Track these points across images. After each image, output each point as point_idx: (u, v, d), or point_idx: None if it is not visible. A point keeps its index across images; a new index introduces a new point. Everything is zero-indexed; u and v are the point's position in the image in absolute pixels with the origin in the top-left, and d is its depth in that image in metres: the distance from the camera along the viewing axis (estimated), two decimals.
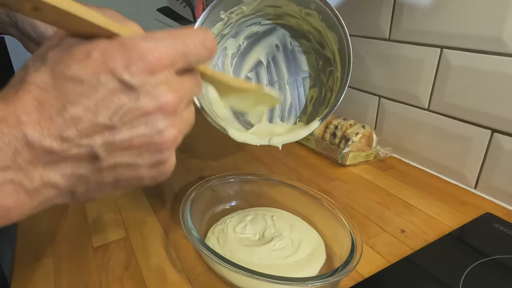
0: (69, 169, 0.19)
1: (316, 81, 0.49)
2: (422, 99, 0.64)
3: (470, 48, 0.55)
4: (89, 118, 0.19)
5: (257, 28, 0.48)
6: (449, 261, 0.41)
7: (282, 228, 0.45)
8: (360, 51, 0.75)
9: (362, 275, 0.40)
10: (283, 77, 0.50)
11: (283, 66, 0.50)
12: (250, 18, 0.46)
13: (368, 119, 0.77)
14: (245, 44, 0.49)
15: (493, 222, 0.49)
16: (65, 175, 0.20)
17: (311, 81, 0.49)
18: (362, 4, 0.72)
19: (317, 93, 0.48)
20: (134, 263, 0.41)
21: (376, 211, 0.52)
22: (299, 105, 0.50)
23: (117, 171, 0.21)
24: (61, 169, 0.19)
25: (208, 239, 0.43)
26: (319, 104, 0.47)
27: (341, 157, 0.65)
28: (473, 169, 0.58)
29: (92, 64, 0.19)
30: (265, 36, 0.49)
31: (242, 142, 0.43)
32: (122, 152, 0.20)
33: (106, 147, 0.20)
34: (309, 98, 0.49)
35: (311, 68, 0.49)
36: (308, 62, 0.49)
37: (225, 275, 0.38)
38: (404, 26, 0.64)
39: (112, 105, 0.19)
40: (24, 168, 0.18)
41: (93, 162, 0.20)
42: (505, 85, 0.52)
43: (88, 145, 0.19)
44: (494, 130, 0.55)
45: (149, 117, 0.20)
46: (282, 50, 0.49)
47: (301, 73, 0.50)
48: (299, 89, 0.50)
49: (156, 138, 0.20)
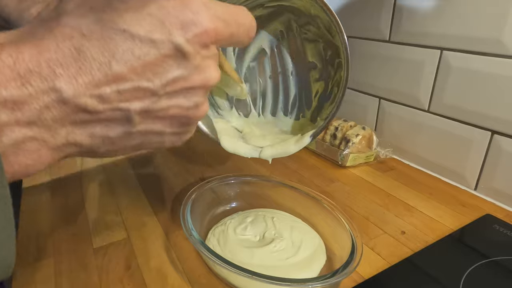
0: (98, 130, 0.18)
1: (322, 73, 0.44)
2: (422, 100, 0.64)
3: (470, 49, 0.55)
4: (133, 80, 0.17)
5: (261, 12, 0.43)
6: (449, 262, 0.41)
7: (283, 230, 0.45)
8: (361, 53, 0.75)
9: (363, 276, 0.40)
10: (287, 68, 0.46)
11: (287, 56, 0.46)
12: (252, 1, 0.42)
13: (369, 121, 0.77)
14: None
15: (493, 224, 0.49)
16: (92, 135, 0.18)
17: (317, 74, 0.45)
18: (363, 6, 0.72)
19: (323, 87, 0.45)
20: (134, 264, 0.41)
21: (376, 213, 0.52)
22: (304, 99, 0.47)
23: (145, 137, 0.20)
24: (90, 129, 0.17)
25: (209, 240, 0.43)
26: (324, 99, 0.44)
27: (341, 159, 0.65)
28: (473, 171, 0.59)
29: (148, 19, 0.16)
30: (269, 21, 0.44)
31: (233, 153, 0.42)
32: (155, 120, 0.19)
33: (142, 114, 0.18)
34: (314, 92, 0.46)
35: (318, 59, 0.44)
36: (315, 51, 0.44)
37: (225, 277, 0.38)
38: (404, 28, 0.64)
39: (161, 70, 0.17)
40: (50, 125, 0.16)
41: (125, 126, 0.18)
42: (504, 87, 0.52)
43: (126, 109, 0.17)
44: (494, 132, 0.55)
45: (192, 90, 0.19)
46: (286, 37, 0.45)
47: (307, 64, 0.45)
48: (304, 81, 0.46)
49: (191, 112, 0.20)
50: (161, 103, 0.18)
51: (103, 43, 0.16)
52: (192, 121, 0.21)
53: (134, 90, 0.17)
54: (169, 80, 0.18)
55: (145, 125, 0.19)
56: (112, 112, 0.17)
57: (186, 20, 0.17)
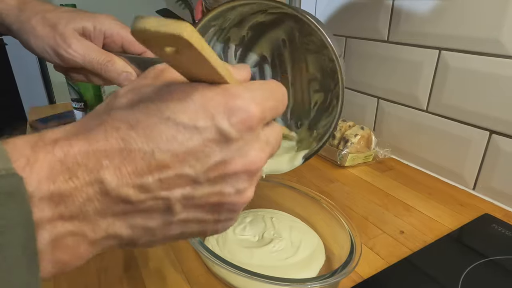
0: (138, 220, 0.17)
1: (322, 85, 0.44)
2: (420, 100, 0.65)
3: (468, 50, 0.55)
4: (175, 168, 0.16)
5: (263, 18, 0.42)
6: (448, 262, 0.42)
7: (282, 230, 0.45)
8: (359, 53, 0.75)
9: (362, 276, 0.40)
10: (287, 77, 0.46)
11: (288, 65, 0.45)
12: None
13: (367, 121, 0.77)
14: (250, 35, 0.44)
15: (492, 223, 0.49)
16: (133, 226, 0.17)
17: (317, 85, 0.44)
18: (361, 7, 0.72)
19: (322, 98, 0.44)
20: (134, 265, 0.41)
21: (375, 213, 0.52)
22: (302, 108, 0.46)
23: (186, 226, 0.19)
24: (130, 220, 0.17)
25: (208, 241, 0.43)
26: (323, 110, 0.44)
27: (340, 159, 0.65)
28: (472, 170, 0.59)
29: (192, 106, 0.17)
30: (272, 28, 0.43)
31: None
32: (196, 208, 0.18)
33: (184, 202, 0.18)
34: (313, 102, 0.45)
35: (319, 71, 0.44)
36: (317, 63, 0.44)
37: (224, 277, 0.38)
38: (403, 28, 0.65)
39: (202, 156, 0.17)
40: (91, 218, 0.16)
41: (165, 215, 0.18)
42: (503, 87, 0.52)
43: (166, 197, 0.17)
44: (492, 132, 0.55)
45: (235, 176, 0.18)
46: (288, 46, 0.44)
47: (307, 74, 0.45)
48: (304, 92, 0.46)
49: (234, 198, 0.19)
50: (202, 189, 0.18)
51: (148, 132, 0.16)
52: (235, 208, 0.19)
53: (176, 177, 0.17)
54: (211, 165, 0.17)
55: (186, 213, 0.18)
56: (153, 201, 0.17)
57: (229, 105, 0.17)
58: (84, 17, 0.39)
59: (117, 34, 0.40)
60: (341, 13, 0.77)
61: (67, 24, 0.38)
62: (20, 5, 0.39)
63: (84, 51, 0.38)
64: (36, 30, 0.38)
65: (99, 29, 0.39)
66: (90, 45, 0.38)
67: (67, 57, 0.38)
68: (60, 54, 0.38)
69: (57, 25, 0.37)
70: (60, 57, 0.38)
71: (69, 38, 0.37)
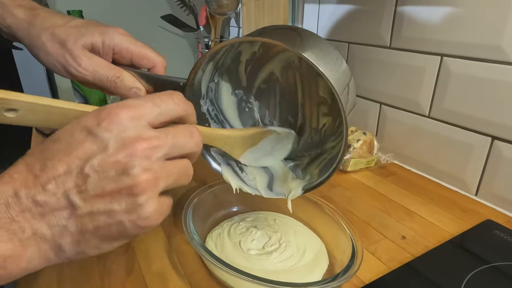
0: (53, 219, 0.21)
1: (331, 109, 0.43)
2: (423, 106, 0.65)
3: (470, 56, 0.56)
4: (64, 169, 0.21)
5: None
6: (450, 267, 0.41)
7: (285, 233, 0.45)
8: (362, 59, 0.75)
9: (363, 281, 0.40)
10: (296, 97, 0.45)
11: (299, 86, 0.44)
12: None
13: (369, 126, 0.77)
14: (261, 52, 0.42)
15: (494, 229, 0.49)
16: (50, 226, 0.21)
17: (326, 108, 0.44)
18: (364, 13, 0.72)
19: (331, 121, 0.44)
20: (136, 268, 0.41)
21: (377, 218, 0.52)
22: (310, 129, 0.46)
23: (95, 218, 0.22)
24: (47, 220, 0.21)
25: (208, 244, 0.44)
26: (330, 133, 0.43)
27: (342, 164, 0.65)
28: (474, 176, 0.59)
29: (69, 126, 0.22)
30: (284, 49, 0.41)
31: None
32: (96, 199, 0.22)
33: (80, 195, 0.21)
34: (320, 124, 0.44)
35: (329, 95, 0.42)
36: (327, 88, 0.42)
37: (227, 281, 0.38)
38: (405, 34, 0.65)
39: (83, 154, 0.21)
40: (16, 219, 0.21)
41: (71, 210, 0.22)
42: (504, 93, 0.52)
43: (64, 194, 0.21)
44: (494, 138, 0.55)
45: (119, 163, 0.21)
46: (300, 67, 0.43)
47: (316, 97, 0.44)
48: (312, 114, 0.45)
49: (126, 181, 0.22)
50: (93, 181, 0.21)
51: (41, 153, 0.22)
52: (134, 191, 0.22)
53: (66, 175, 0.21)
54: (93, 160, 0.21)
55: (89, 205, 0.22)
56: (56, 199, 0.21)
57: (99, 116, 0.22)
58: (94, 32, 0.38)
59: (126, 49, 0.40)
60: (344, 19, 0.78)
61: (76, 41, 0.37)
62: (30, 19, 0.39)
63: (93, 69, 0.38)
64: (45, 46, 0.38)
65: (107, 45, 0.39)
66: (99, 62, 0.38)
67: (77, 74, 0.38)
68: (70, 72, 0.38)
69: (66, 42, 0.37)
70: (70, 74, 0.39)
71: (79, 56, 0.38)
